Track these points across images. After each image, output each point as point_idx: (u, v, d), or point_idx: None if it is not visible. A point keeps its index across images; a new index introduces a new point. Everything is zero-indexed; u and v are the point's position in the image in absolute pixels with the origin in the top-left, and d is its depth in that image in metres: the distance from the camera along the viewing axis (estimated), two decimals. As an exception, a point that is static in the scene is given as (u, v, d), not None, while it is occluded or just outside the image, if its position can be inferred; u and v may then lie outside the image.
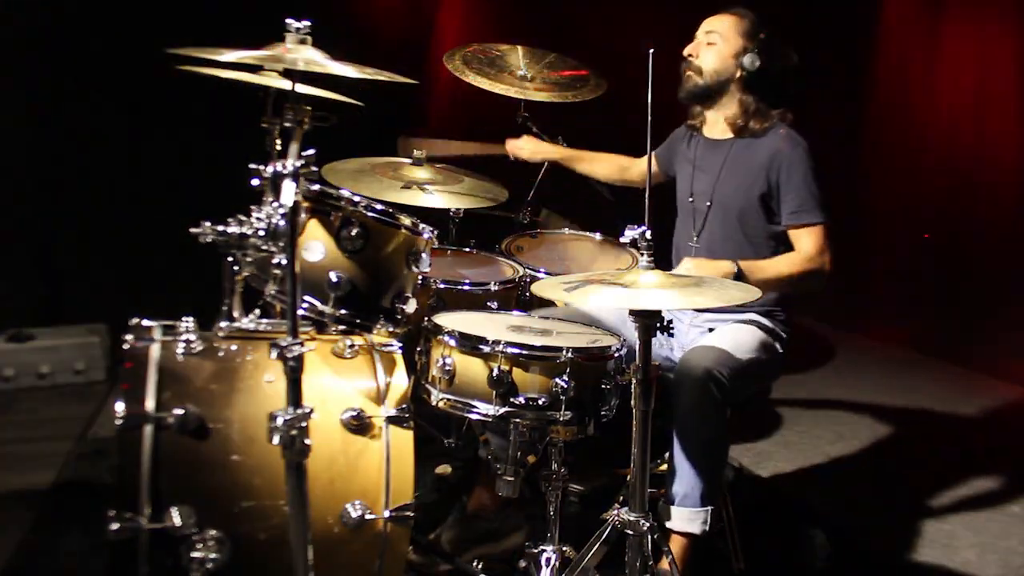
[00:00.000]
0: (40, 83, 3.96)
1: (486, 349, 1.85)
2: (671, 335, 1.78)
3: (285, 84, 2.12)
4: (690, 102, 2.48)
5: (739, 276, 2.13)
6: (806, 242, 2.29)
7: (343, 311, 1.84)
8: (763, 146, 2.34)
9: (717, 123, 2.46)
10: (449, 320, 2.04)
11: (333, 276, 1.81)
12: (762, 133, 2.36)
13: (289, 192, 1.48)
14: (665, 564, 1.96)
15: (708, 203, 2.41)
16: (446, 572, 2.23)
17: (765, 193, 2.32)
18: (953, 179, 4.75)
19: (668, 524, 2.12)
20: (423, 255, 1.95)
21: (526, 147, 2.94)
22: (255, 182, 1.67)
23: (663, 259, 2.44)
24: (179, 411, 1.60)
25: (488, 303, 2.43)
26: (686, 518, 2.11)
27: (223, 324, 1.80)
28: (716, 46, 2.38)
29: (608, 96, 3.08)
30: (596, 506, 2.58)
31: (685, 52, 2.43)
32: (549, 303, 2.45)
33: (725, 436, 2.19)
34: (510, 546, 2.11)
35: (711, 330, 2.35)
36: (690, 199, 2.46)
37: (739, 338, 2.23)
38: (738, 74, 2.37)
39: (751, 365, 2.19)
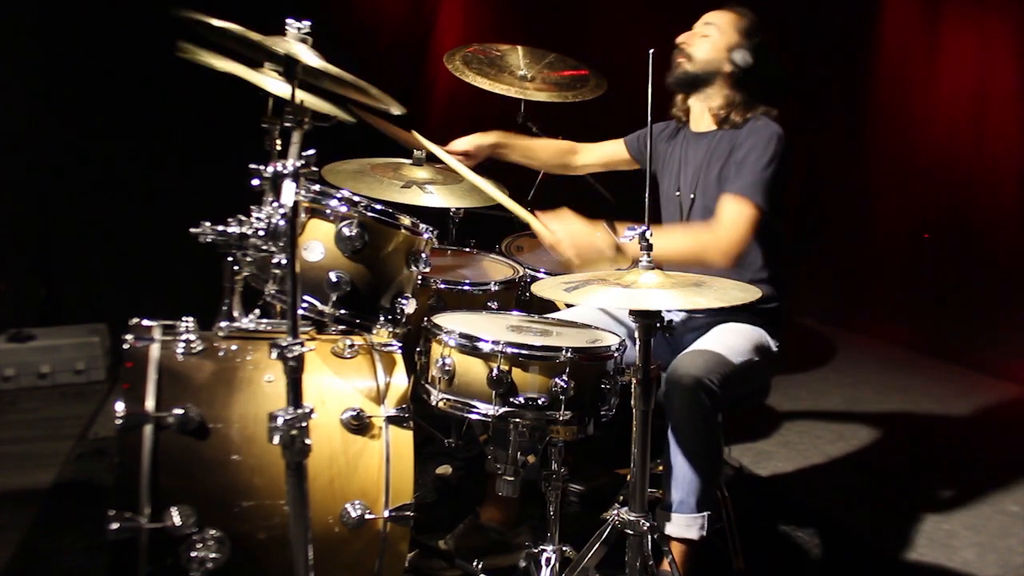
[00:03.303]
0: (40, 83, 3.97)
1: (486, 349, 1.84)
2: (671, 335, 1.77)
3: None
4: (677, 88, 2.46)
5: (618, 248, 2.02)
6: (726, 212, 2.18)
7: (343, 311, 1.83)
8: (740, 136, 2.31)
9: (702, 115, 2.44)
10: (449, 320, 2.03)
11: (333, 276, 1.81)
12: (743, 124, 2.34)
13: (289, 192, 1.48)
14: (665, 565, 1.96)
15: (692, 196, 2.39)
16: (447, 574, 2.23)
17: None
18: (953, 179, 4.75)
19: (666, 531, 2.11)
20: (423, 255, 1.95)
21: (459, 145, 2.63)
22: (255, 182, 1.67)
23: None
24: (179, 411, 1.60)
25: (488, 303, 2.43)
26: (683, 524, 2.10)
27: (223, 324, 1.81)
28: (711, 37, 2.37)
29: (608, 96, 3.08)
30: (596, 506, 2.58)
31: (678, 40, 2.42)
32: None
33: (718, 442, 2.17)
34: (517, 559, 2.11)
35: (704, 331, 2.33)
36: (676, 193, 2.45)
37: (731, 340, 2.19)
38: (727, 68, 2.35)
39: (744, 367, 2.15)
